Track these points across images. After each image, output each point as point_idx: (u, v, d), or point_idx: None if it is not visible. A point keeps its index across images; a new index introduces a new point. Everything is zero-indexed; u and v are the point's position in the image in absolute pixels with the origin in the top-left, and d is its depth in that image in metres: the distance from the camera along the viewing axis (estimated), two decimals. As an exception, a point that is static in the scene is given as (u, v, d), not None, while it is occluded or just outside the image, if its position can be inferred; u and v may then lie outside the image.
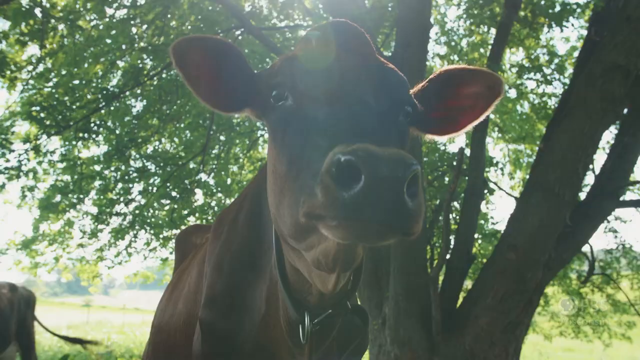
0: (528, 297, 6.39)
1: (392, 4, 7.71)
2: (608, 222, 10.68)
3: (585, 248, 9.47)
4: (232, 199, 10.94)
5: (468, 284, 8.57)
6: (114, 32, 7.81)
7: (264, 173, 2.11)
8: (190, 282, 2.39)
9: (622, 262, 11.75)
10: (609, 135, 8.98)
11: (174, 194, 9.65)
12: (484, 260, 8.13)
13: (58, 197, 9.28)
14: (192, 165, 9.71)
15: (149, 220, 10.03)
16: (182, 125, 9.80)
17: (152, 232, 10.33)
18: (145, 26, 8.29)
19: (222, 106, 1.59)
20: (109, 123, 8.77)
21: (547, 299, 12.76)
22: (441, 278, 7.16)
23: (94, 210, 9.90)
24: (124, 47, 8.12)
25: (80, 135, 8.25)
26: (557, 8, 7.23)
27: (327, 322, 1.67)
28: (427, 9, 6.57)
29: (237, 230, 1.99)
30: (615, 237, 11.45)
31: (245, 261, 1.91)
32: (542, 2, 7.39)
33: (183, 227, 9.88)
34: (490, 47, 8.28)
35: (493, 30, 8.87)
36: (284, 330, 1.75)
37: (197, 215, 10.04)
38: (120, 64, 8.71)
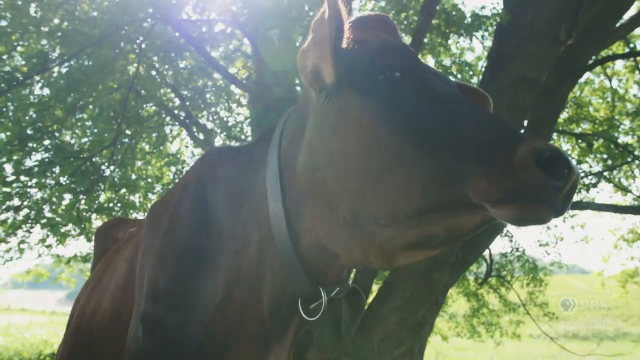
0: (434, 298, 6.61)
1: (308, 5, 7.68)
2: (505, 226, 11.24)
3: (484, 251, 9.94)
4: (137, 195, 10.59)
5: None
6: (8, 13, 7.25)
7: (203, 164, 2.03)
8: (117, 279, 2.23)
9: (515, 265, 12.43)
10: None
11: (74, 187, 9.11)
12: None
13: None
14: (95, 159, 9.22)
15: (47, 216, 9.43)
16: (85, 117, 9.31)
17: (48, 227, 9.72)
18: (46, 10, 7.76)
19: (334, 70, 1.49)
20: (9, 110, 8.15)
21: (445, 300, 13.26)
22: (352, 278, 7.24)
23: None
24: (23, 30, 7.56)
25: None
26: (468, 19, 7.47)
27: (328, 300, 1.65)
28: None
29: (181, 219, 1.88)
30: (511, 241, 12.11)
31: (193, 249, 1.80)
32: (454, 13, 7.63)
33: (87, 224, 9.39)
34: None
35: (406, 36, 9.08)
36: (267, 312, 1.68)
37: (101, 211, 9.56)
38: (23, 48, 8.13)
